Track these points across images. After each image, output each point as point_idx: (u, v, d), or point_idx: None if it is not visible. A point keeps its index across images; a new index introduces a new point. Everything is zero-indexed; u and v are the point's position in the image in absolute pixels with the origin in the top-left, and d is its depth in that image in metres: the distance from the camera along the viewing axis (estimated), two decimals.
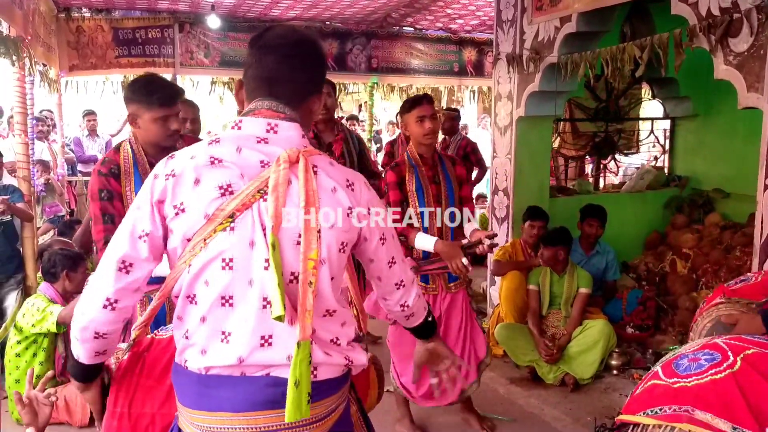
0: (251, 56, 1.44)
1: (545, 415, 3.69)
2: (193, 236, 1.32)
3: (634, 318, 4.62)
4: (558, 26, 4.47)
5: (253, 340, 1.33)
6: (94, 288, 1.37)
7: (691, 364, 1.53)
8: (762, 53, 3.07)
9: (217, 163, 1.33)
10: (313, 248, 1.32)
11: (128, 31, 7.60)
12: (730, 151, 5.70)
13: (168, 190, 1.33)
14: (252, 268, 1.33)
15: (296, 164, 1.35)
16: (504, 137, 5.14)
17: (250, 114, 1.40)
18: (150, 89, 2.51)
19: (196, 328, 1.36)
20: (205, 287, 1.34)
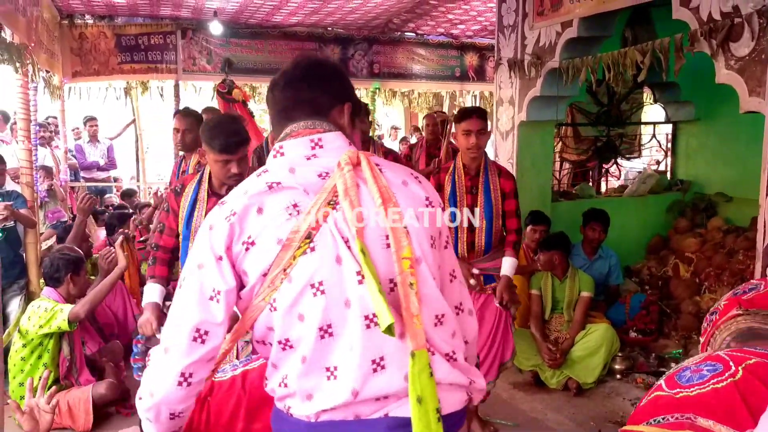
0: (268, 101, 1.41)
1: (548, 420, 3.68)
2: (270, 268, 1.20)
3: (637, 322, 4.62)
4: (559, 31, 4.48)
5: (363, 366, 1.18)
6: (162, 364, 1.23)
7: (694, 375, 1.55)
8: (763, 57, 3.08)
9: (276, 186, 1.24)
10: (404, 246, 1.20)
11: (131, 38, 7.63)
12: (732, 155, 5.70)
13: (233, 230, 1.22)
14: (345, 286, 1.20)
15: (358, 166, 1.26)
16: (506, 142, 5.15)
17: (287, 137, 1.32)
18: (212, 134, 2.66)
19: (297, 372, 1.22)
20: (299, 324, 1.20)
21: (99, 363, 3.85)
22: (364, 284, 1.18)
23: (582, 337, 4.10)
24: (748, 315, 2.17)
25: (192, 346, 1.21)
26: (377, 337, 1.18)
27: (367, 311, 1.19)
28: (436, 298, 1.26)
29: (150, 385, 1.24)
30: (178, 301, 1.24)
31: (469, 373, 1.31)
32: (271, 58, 8.18)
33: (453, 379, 1.26)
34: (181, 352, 1.21)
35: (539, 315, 4.26)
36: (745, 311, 2.18)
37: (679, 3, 3.49)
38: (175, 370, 1.21)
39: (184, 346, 1.21)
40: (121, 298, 4.48)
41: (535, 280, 4.36)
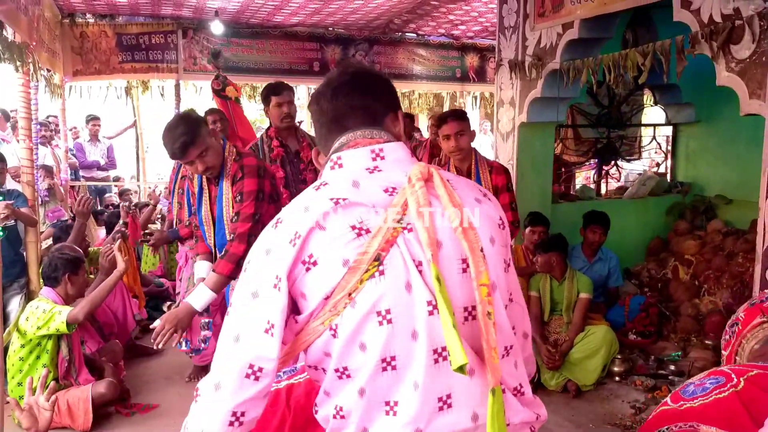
0: (312, 113, 1.30)
1: (547, 422, 3.65)
2: (333, 292, 1.09)
3: (636, 324, 4.62)
4: (560, 33, 4.48)
5: (428, 405, 1.09)
6: (213, 401, 1.13)
7: (697, 388, 1.59)
8: (764, 60, 3.08)
9: (342, 202, 1.12)
10: (483, 271, 1.09)
11: (132, 37, 7.64)
12: (732, 158, 5.70)
13: (297, 251, 1.10)
14: (414, 316, 1.09)
15: (430, 181, 1.15)
16: (506, 143, 5.15)
17: (345, 147, 1.22)
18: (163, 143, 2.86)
19: (353, 404, 1.12)
20: (360, 353, 1.10)
21: (98, 362, 3.85)
22: (435, 315, 1.08)
23: (581, 339, 4.10)
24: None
25: (244, 383, 1.11)
26: (445, 373, 1.09)
27: (435, 345, 1.09)
28: (507, 327, 1.18)
29: (199, 423, 1.14)
30: (229, 331, 1.14)
31: (534, 406, 1.24)
32: (272, 58, 8.19)
33: (523, 418, 1.19)
34: (233, 389, 1.11)
35: (538, 317, 4.26)
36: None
37: (680, 5, 3.49)
38: (226, 408, 1.12)
39: (236, 383, 1.11)
40: (120, 298, 4.48)
41: (533, 281, 4.36)
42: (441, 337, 1.08)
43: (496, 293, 1.14)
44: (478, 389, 1.11)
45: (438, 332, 1.08)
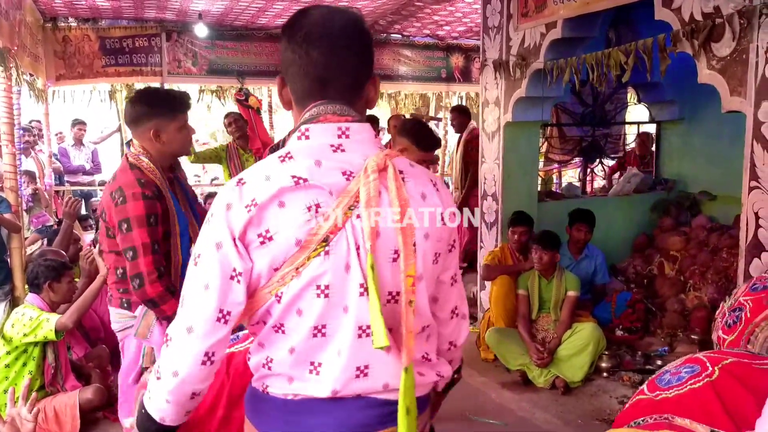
0: (292, 51, 1.26)
1: (536, 419, 3.70)
2: (282, 265, 1.20)
3: (623, 320, 4.65)
4: (544, 32, 4.51)
5: (347, 372, 1.22)
6: (185, 343, 1.21)
7: (673, 377, 1.59)
8: (744, 57, 3.12)
9: (302, 182, 1.19)
10: (411, 263, 1.21)
11: (115, 40, 7.59)
12: (715, 154, 5.76)
13: (252, 220, 1.18)
14: (347, 293, 1.21)
15: (384, 172, 1.23)
16: (492, 143, 5.17)
17: (314, 121, 1.26)
18: (169, 96, 2.53)
19: (282, 359, 1.24)
20: (297, 317, 1.22)
21: (85, 368, 3.82)
22: (364, 296, 1.20)
23: (569, 336, 4.12)
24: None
25: (216, 326, 1.20)
26: (366, 347, 1.21)
27: (361, 322, 1.21)
28: (425, 312, 1.30)
29: (173, 366, 1.22)
30: (197, 279, 1.21)
31: (438, 367, 1.37)
32: (258, 60, 8.17)
33: (424, 381, 1.32)
34: (206, 332, 1.20)
35: (527, 315, 4.29)
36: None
37: (661, 4, 3.52)
38: (199, 349, 1.21)
39: (209, 326, 1.20)
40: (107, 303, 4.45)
41: (522, 280, 4.38)
42: (366, 316, 1.20)
43: (420, 283, 1.26)
44: (392, 363, 1.23)
45: (365, 311, 1.20)
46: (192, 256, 1.24)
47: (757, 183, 3.11)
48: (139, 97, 2.57)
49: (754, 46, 3.07)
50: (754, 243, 3.15)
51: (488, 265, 4.64)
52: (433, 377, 1.35)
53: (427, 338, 1.35)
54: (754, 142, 3.11)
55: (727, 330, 2.38)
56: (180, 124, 2.50)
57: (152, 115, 2.45)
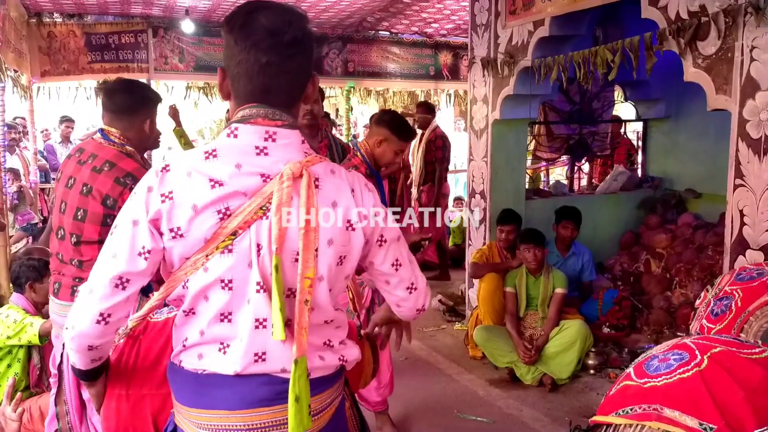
0: (239, 52, 1.31)
1: (524, 416, 3.72)
2: (192, 255, 1.30)
3: (609, 318, 4.67)
4: (531, 30, 4.52)
5: (246, 357, 1.33)
6: (85, 302, 1.33)
7: (661, 364, 1.58)
8: (729, 56, 3.14)
9: (218, 186, 1.28)
10: (310, 267, 1.30)
11: (101, 36, 7.53)
12: (701, 152, 5.80)
13: (164, 212, 1.28)
14: (248, 288, 1.31)
15: (299, 179, 1.31)
16: (480, 140, 5.18)
17: (245, 122, 1.33)
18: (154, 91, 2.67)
19: (194, 338, 1.36)
20: (204, 302, 1.33)
21: None
22: (261, 293, 1.30)
23: (556, 334, 4.14)
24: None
25: (114, 291, 1.30)
26: (262, 337, 1.32)
27: (258, 315, 1.32)
28: (325, 308, 1.39)
29: (72, 319, 1.35)
30: (108, 247, 1.32)
31: (341, 352, 1.47)
32: None
33: (325, 364, 1.43)
34: (103, 295, 1.31)
35: (514, 312, 4.30)
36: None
37: (647, 2, 3.54)
38: (95, 310, 1.31)
39: (107, 291, 1.30)
40: None
41: (509, 278, 4.39)
42: (262, 310, 1.31)
43: (321, 284, 1.35)
44: (288, 352, 1.32)
45: (260, 306, 1.31)
46: (112, 225, 1.34)
47: (742, 181, 3.14)
48: (134, 87, 2.63)
49: (739, 45, 3.09)
50: (739, 240, 3.18)
51: (476, 263, 4.64)
52: (335, 361, 1.45)
53: (336, 328, 1.46)
54: (739, 140, 3.14)
55: (713, 319, 2.38)
56: (155, 118, 2.64)
57: (149, 105, 2.57)
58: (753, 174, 3.08)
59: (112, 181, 2.41)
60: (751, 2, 2.98)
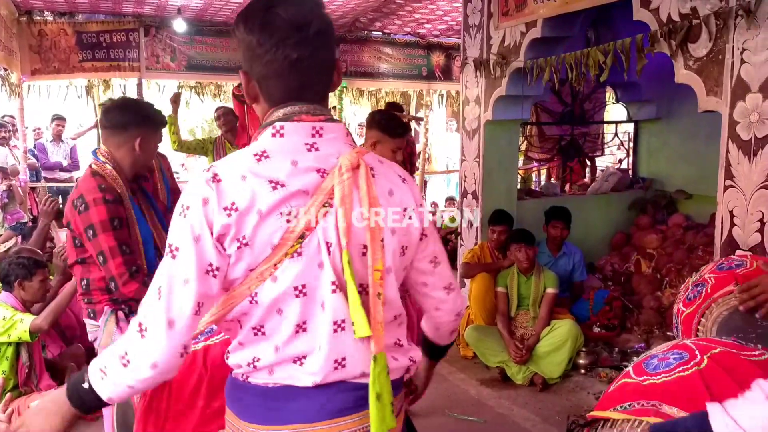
0: (262, 52, 1.24)
1: (515, 416, 3.72)
2: (258, 266, 1.22)
3: (600, 318, 4.69)
4: (524, 31, 4.53)
5: (327, 365, 1.26)
6: (165, 337, 1.20)
7: (660, 363, 1.59)
8: (720, 58, 3.16)
9: (280, 187, 1.20)
10: (379, 258, 1.26)
11: (92, 35, 7.49)
12: (691, 154, 5.84)
13: (232, 225, 1.18)
14: (322, 291, 1.24)
15: (357, 170, 1.26)
16: (472, 141, 5.19)
17: (289, 120, 1.26)
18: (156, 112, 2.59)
19: (268, 358, 1.27)
20: (277, 317, 1.25)
21: (59, 364, 3.76)
22: (336, 293, 1.23)
23: (547, 333, 4.16)
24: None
25: (194, 319, 1.22)
26: (342, 341, 1.26)
27: (336, 317, 1.25)
28: (395, 301, 1.34)
29: (151, 358, 1.21)
30: (177, 272, 1.20)
31: (410, 352, 1.41)
32: (237, 56, 8.05)
33: (398, 365, 1.38)
34: (187, 326, 1.21)
35: (505, 312, 4.31)
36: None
37: (639, 4, 3.56)
38: (179, 342, 1.21)
39: (190, 320, 1.21)
40: None
41: (501, 278, 4.41)
42: (340, 311, 1.25)
43: (389, 276, 1.31)
44: (366, 353, 1.27)
45: (338, 307, 1.24)
46: (167, 248, 1.22)
47: (732, 182, 3.16)
48: (129, 105, 2.59)
49: (729, 47, 3.11)
50: (729, 241, 3.20)
51: (468, 263, 4.65)
52: (405, 362, 1.39)
53: (399, 325, 1.40)
54: (729, 141, 3.16)
55: (687, 303, 2.40)
56: (158, 140, 2.60)
57: (142, 124, 2.50)
58: (743, 175, 3.10)
59: (70, 204, 2.44)
60: (741, 5, 3.00)
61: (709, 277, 2.37)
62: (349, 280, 1.22)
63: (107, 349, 1.31)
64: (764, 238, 3.01)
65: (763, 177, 3.01)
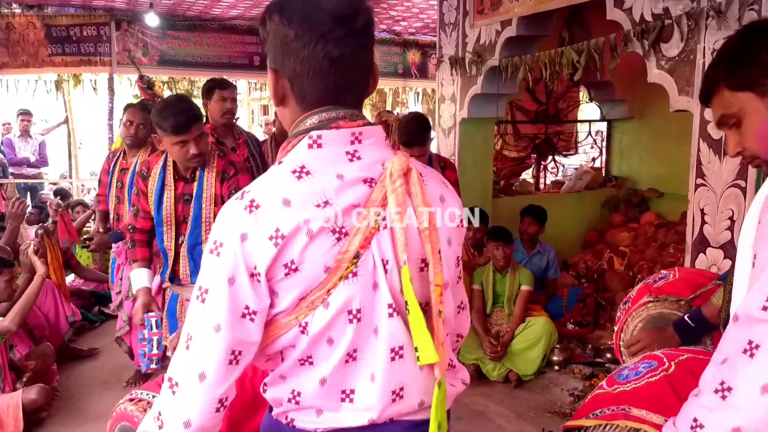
0: (299, 46, 1.10)
1: (490, 412, 3.74)
2: (311, 293, 1.08)
3: (574, 315, 4.74)
4: (499, 30, 4.55)
5: (384, 398, 1.12)
6: (198, 391, 1.08)
7: (631, 372, 1.65)
8: (692, 58, 3.20)
9: (326, 206, 1.07)
10: (438, 272, 1.13)
11: (62, 29, 7.35)
12: (663, 152, 5.92)
13: (271, 251, 1.05)
14: (376, 314, 1.11)
15: (408, 175, 1.13)
16: (448, 139, 5.20)
17: (326, 128, 1.12)
18: (163, 116, 2.63)
19: (313, 391, 1.13)
20: (327, 347, 1.10)
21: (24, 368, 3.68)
22: (394, 317, 1.11)
23: (522, 330, 4.18)
24: (657, 302, 2.24)
25: (229, 369, 1.08)
26: (399, 369, 1.13)
27: (394, 344, 1.12)
28: (450, 320, 1.24)
29: (184, 415, 1.09)
30: (206, 319, 1.07)
31: (460, 374, 1.31)
32: (211, 51, 8.02)
33: (454, 391, 1.26)
34: (219, 378, 1.08)
35: (481, 309, 4.33)
36: (655, 298, 2.26)
37: (612, 4, 3.59)
38: (213, 396, 1.09)
39: (223, 371, 1.08)
40: (52, 299, 4.31)
41: (476, 275, 4.42)
42: (398, 337, 1.11)
43: (447, 291, 1.19)
44: (424, 380, 1.16)
45: (396, 332, 1.11)
46: (196, 290, 1.10)
47: (703, 181, 3.21)
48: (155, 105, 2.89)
49: (701, 47, 3.15)
50: (700, 239, 3.25)
51: None
52: (460, 386, 1.28)
53: (453, 344, 1.32)
54: (700, 141, 3.20)
55: (617, 322, 2.46)
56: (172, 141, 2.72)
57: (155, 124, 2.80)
58: (713, 174, 3.15)
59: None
60: (713, 5, 3.05)
61: (632, 293, 2.43)
62: (412, 300, 1.08)
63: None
64: (734, 235, 3.06)
65: (733, 176, 3.06)
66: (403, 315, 1.11)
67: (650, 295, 2.30)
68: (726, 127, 1.28)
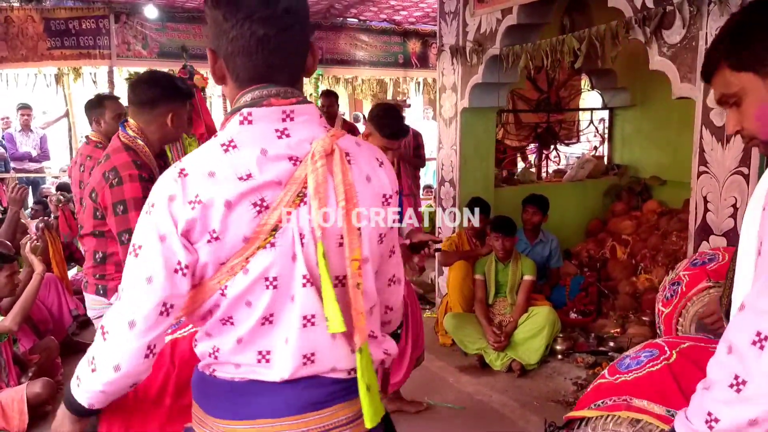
0: (228, 27, 1.18)
1: (494, 402, 3.75)
2: (229, 260, 1.18)
3: (576, 303, 4.74)
4: (500, 18, 4.52)
5: (295, 360, 1.22)
6: (127, 337, 1.18)
7: (632, 361, 1.64)
8: (694, 45, 3.18)
9: (248, 179, 1.16)
10: (356, 248, 1.22)
11: (61, 22, 7.31)
12: (665, 140, 5.90)
13: (197, 219, 1.15)
14: (293, 284, 1.20)
15: (331, 156, 1.21)
16: (449, 129, 5.18)
17: (257, 105, 1.20)
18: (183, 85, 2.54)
19: (230, 349, 1.24)
20: (246, 308, 1.21)
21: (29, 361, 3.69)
22: (307, 287, 1.20)
23: (525, 320, 4.18)
24: (717, 286, 2.23)
25: (159, 320, 1.19)
26: (311, 336, 1.23)
27: (306, 312, 1.21)
28: (371, 292, 1.31)
29: (114, 360, 1.21)
30: (139, 271, 1.17)
31: (383, 345, 1.39)
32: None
33: (374, 357, 1.33)
34: (149, 326, 1.18)
35: (483, 299, 4.33)
36: (715, 283, 2.25)
37: None
38: (142, 344, 1.19)
39: (152, 320, 1.18)
40: (55, 293, 4.32)
41: (479, 265, 4.42)
42: (310, 306, 1.21)
43: (366, 265, 1.27)
44: (338, 348, 1.25)
45: (308, 301, 1.21)
46: (131, 246, 1.20)
47: (706, 168, 3.19)
48: (157, 79, 2.52)
49: (703, 34, 3.13)
50: (703, 226, 3.24)
51: (446, 251, 4.66)
52: (380, 354, 1.36)
53: (374, 316, 1.37)
54: (702, 128, 3.19)
55: (666, 303, 2.45)
56: (189, 113, 2.61)
57: (172, 98, 2.44)
58: (716, 161, 3.14)
59: (100, 174, 2.35)
60: None
61: (683, 275, 2.41)
62: (323, 273, 1.18)
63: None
64: (737, 222, 3.05)
65: (736, 163, 3.04)
66: (317, 286, 1.20)
67: (709, 279, 2.27)
68: (726, 106, 1.27)
